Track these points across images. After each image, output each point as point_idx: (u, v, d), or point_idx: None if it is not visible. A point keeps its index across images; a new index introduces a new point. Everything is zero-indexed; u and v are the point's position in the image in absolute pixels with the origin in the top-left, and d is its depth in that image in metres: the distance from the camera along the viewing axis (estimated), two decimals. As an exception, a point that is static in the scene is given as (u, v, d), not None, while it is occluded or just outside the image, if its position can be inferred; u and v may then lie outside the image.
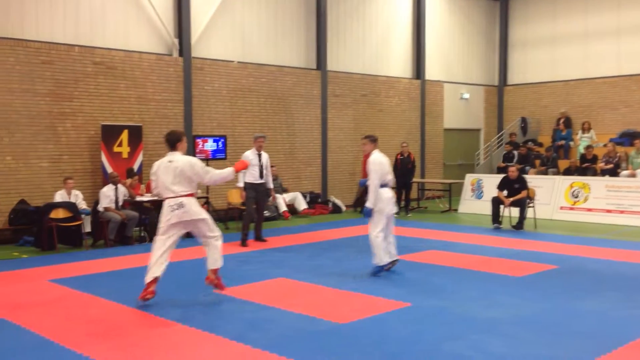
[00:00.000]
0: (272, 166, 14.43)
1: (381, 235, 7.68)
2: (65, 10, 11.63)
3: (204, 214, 6.60)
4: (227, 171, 6.71)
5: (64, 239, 10.23)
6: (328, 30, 15.90)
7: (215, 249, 6.61)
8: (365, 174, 15.11)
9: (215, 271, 6.65)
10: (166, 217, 6.45)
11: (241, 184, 10.33)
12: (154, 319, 5.94)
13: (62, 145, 11.51)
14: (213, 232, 6.63)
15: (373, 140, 8.00)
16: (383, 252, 7.73)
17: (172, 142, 6.63)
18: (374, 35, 17.24)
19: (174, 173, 6.43)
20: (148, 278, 6.39)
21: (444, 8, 19.22)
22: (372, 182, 7.68)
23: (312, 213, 14.65)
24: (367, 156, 8.06)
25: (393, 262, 7.95)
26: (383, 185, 7.78)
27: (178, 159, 6.52)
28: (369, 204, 7.69)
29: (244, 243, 10.34)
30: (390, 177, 7.95)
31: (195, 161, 6.56)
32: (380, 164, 7.75)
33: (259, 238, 10.71)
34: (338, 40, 16.34)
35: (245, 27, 14.41)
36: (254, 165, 10.28)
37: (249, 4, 14.42)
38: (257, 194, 10.44)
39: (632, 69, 17.90)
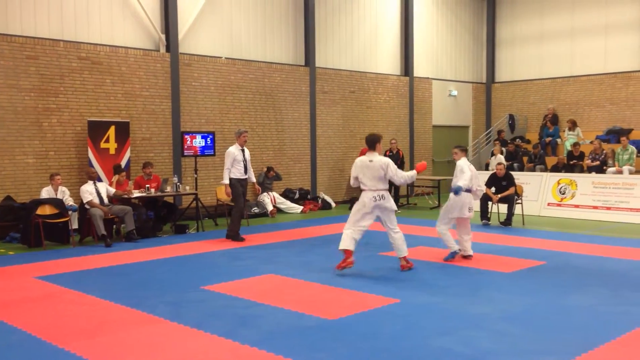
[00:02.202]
0: (271, 167, 14.43)
1: (444, 228, 8.49)
2: (50, 5, 11.51)
3: (395, 207, 7.72)
4: (412, 173, 7.79)
5: (50, 235, 10.13)
6: (316, 26, 15.88)
7: (398, 240, 7.70)
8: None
9: (404, 258, 7.79)
10: (369, 204, 7.56)
11: (226, 181, 10.11)
12: (142, 316, 5.90)
13: (47, 141, 11.40)
14: (394, 225, 7.68)
15: (463, 150, 8.95)
16: (450, 241, 8.48)
17: (371, 143, 7.70)
18: (362, 32, 17.24)
19: (374, 171, 7.53)
20: (343, 246, 7.61)
21: (432, 5, 19.26)
22: (466, 175, 8.42)
23: (304, 210, 14.63)
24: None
25: (454, 254, 8.56)
26: (466, 190, 8.44)
27: (377, 159, 7.60)
28: (460, 183, 8.39)
29: (238, 238, 10.21)
30: (474, 182, 8.60)
31: (389, 162, 7.59)
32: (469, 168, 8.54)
33: (232, 237, 10.35)
34: (326, 36, 16.32)
35: (234, 23, 14.35)
36: (239, 160, 10.15)
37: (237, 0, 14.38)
38: (243, 188, 10.35)
39: (617, 66, 18.07)
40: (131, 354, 4.86)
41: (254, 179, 10.71)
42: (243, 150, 10.29)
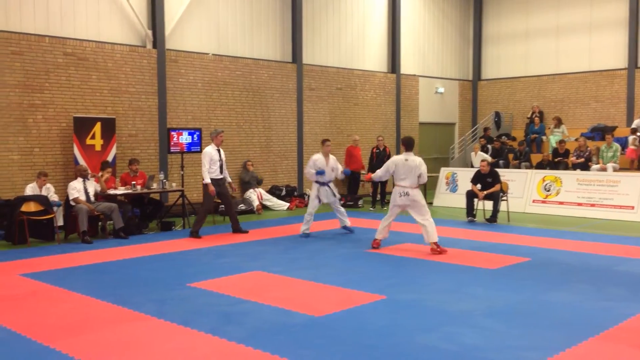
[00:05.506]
0: (248, 161, 14.44)
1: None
2: (35, 0, 11.40)
3: (421, 201, 8.69)
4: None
5: (35, 232, 10.05)
6: (303, 23, 15.86)
7: (426, 227, 8.60)
8: (347, 165, 15.56)
9: (434, 243, 8.64)
10: (396, 200, 8.76)
11: (208, 180, 10.26)
12: (128, 313, 5.88)
13: (32, 137, 11.30)
14: (423, 215, 8.61)
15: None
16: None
17: (409, 145, 8.78)
18: (349, 29, 17.25)
19: (407, 169, 8.60)
20: (377, 236, 9.10)
21: (419, 2, 19.31)
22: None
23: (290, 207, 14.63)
24: (348, 150, 8.87)
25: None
26: None
27: (413, 158, 8.67)
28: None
29: (197, 235, 10.32)
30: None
31: (422, 163, 8.68)
32: None
33: (238, 230, 10.76)
34: (313, 33, 16.31)
35: (221, 19, 14.30)
36: (215, 161, 10.34)
37: (224, -5, 14.31)
38: (220, 188, 10.52)
39: (602, 64, 18.22)
40: (116, 351, 4.84)
41: (229, 179, 10.93)
42: (219, 151, 10.49)
